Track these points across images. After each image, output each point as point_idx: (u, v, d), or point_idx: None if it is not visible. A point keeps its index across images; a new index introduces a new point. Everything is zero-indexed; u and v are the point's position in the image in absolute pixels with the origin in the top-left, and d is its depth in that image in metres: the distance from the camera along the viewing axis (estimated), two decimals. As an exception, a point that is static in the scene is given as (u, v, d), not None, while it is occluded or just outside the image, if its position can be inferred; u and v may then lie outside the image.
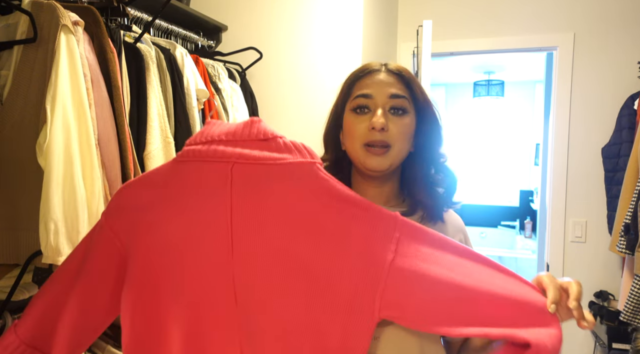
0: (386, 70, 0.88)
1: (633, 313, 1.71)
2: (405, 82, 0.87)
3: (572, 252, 2.47)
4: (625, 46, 2.34)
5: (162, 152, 1.33)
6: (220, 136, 0.75)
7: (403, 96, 0.85)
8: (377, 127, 0.82)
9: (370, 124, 0.83)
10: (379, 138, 0.83)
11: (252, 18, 2.04)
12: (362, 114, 0.85)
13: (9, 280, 1.12)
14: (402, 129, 0.84)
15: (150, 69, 1.33)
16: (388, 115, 0.84)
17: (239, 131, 0.74)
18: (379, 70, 0.88)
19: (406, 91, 0.86)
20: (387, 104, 0.84)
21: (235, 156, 0.72)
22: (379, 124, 0.82)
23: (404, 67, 0.89)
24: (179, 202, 0.75)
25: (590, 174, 2.42)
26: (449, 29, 2.59)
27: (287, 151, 0.73)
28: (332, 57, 1.94)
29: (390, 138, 0.83)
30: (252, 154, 0.72)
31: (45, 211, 0.97)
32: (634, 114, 2.16)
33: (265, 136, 0.74)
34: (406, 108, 0.85)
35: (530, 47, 2.53)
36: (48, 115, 0.99)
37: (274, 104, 2.04)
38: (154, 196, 0.76)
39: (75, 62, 1.04)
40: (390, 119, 0.84)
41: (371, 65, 0.89)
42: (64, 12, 1.05)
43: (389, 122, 0.83)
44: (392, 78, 0.87)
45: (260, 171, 0.72)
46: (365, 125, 0.84)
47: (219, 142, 0.74)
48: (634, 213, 1.74)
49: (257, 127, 0.74)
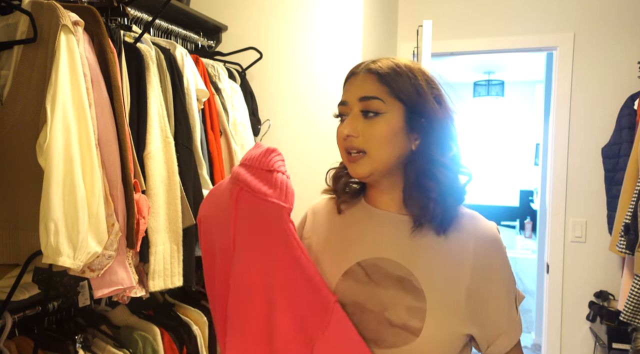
0: (365, 70, 0.82)
1: (633, 313, 1.71)
2: (384, 80, 0.80)
3: (572, 252, 2.47)
4: (625, 46, 2.34)
5: (162, 152, 1.33)
6: (246, 159, 0.86)
7: (373, 96, 0.80)
8: (342, 136, 0.81)
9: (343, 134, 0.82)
10: (349, 145, 0.81)
11: (252, 18, 2.04)
12: (341, 121, 0.84)
13: (9, 280, 1.12)
14: (375, 132, 0.80)
15: (150, 69, 1.33)
16: (360, 119, 0.81)
17: (256, 158, 0.84)
18: (357, 73, 0.84)
19: (383, 89, 0.80)
20: (356, 107, 0.82)
21: (243, 182, 0.83)
22: (343, 134, 0.81)
23: (395, 62, 0.83)
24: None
25: (590, 174, 2.42)
26: (449, 29, 2.59)
27: (275, 187, 0.81)
28: (332, 57, 1.94)
29: (362, 144, 0.80)
30: (252, 183, 0.82)
31: (45, 211, 0.97)
32: (633, 114, 2.16)
33: (270, 168, 0.82)
34: (379, 109, 0.80)
35: (530, 47, 2.53)
36: (48, 115, 0.98)
37: (274, 104, 2.04)
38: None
39: (75, 62, 1.04)
40: (361, 123, 0.81)
41: (356, 67, 0.86)
42: (64, 12, 1.05)
43: (361, 126, 0.81)
44: (369, 78, 0.81)
45: (253, 201, 0.82)
46: (341, 131, 0.83)
47: (242, 165, 0.85)
48: (634, 213, 1.74)
49: (270, 158, 0.84)
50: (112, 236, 1.11)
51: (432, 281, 0.80)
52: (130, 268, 1.20)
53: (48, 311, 1.29)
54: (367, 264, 0.83)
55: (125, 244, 1.17)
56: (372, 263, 0.83)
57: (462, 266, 0.81)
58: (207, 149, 1.58)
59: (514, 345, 0.84)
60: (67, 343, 1.29)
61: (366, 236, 0.86)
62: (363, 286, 0.82)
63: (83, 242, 1.01)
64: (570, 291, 2.46)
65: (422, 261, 0.81)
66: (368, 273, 0.82)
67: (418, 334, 0.77)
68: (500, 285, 0.82)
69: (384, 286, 0.81)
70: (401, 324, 0.78)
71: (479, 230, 0.84)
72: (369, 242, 0.85)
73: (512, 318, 0.84)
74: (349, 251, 0.86)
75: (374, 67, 0.82)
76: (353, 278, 0.83)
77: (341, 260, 0.85)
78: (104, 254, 1.10)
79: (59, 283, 1.23)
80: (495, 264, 0.82)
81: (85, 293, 1.36)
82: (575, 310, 2.45)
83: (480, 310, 0.80)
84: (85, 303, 1.37)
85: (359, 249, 0.85)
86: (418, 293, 0.79)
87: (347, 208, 0.92)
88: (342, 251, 0.87)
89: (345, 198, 0.92)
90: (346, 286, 0.83)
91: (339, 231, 0.90)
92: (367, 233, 0.87)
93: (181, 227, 1.35)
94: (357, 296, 0.81)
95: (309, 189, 2.01)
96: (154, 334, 1.44)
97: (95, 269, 1.10)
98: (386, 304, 0.79)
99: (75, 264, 1.01)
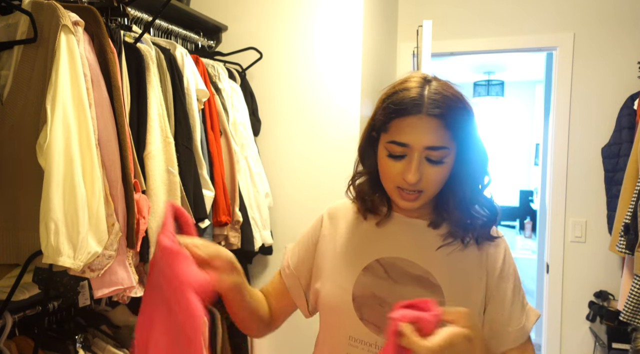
0: (427, 114, 0.77)
1: (633, 313, 1.71)
2: (448, 125, 0.78)
3: (572, 252, 2.47)
4: (625, 46, 2.34)
5: (162, 152, 1.33)
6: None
7: (441, 147, 0.79)
8: (410, 182, 0.79)
9: (404, 175, 0.80)
10: (409, 187, 0.81)
11: (252, 18, 2.04)
12: (397, 159, 0.81)
13: (9, 280, 1.12)
14: (437, 176, 0.81)
15: (150, 69, 1.33)
16: (424, 163, 0.80)
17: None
18: (419, 113, 0.77)
19: (446, 135, 0.78)
20: (423, 153, 0.79)
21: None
22: (413, 180, 0.79)
23: (449, 97, 0.79)
24: None
25: (590, 174, 2.42)
26: (449, 29, 2.58)
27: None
28: (332, 57, 1.94)
29: (424, 186, 0.81)
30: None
31: (45, 211, 0.97)
32: (633, 114, 2.16)
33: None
34: (445, 156, 0.80)
35: (530, 47, 2.53)
36: (48, 115, 0.98)
37: (274, 104, 2.04)
38: None
39: (76, 62, 1.04)
40: (425, 168, 0.80)
41: (410, 98, 0.78)
42: (64, 12, 1.05)
43: (424, 169, 0.80)
44: (434, 124, 0.77)
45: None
46: (398, 170, 0.81)
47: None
48: (633, 213, 1.74)
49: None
50: (112, 236, 1.11)
51: (451, 281, 0.84)
52: (131, 267, 1.20)
53: (48, 311, 1.29)
54: (386, 262, 0.86)
55: (125, 244, 1.17)
56: (390, 262, 0.86)
57: (480, 273, 0.86)
58: (207, 149, 1.59)
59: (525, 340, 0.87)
60: (67, 343, 1.29)
61: (390, 238, 0.89)
62: (382, 282, 0.85)
63: (83, 242, 1.01)
64: (570, 291, 2.46)
65: (442, 267, 0.85)
66: (387, 270, 0.86)
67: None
68: (512, 283, 0.88)
69: (402, 283, 0.84)
70: None
71: (500, 240, 0.90)
72: (390, 243, 0.89)
73: (523, 315, 0.87)
74: (370, 250, 0.89)
75: (437, 112, 0.77)
76: (373, 273, 0.86)
77: (362, 258, 0.88)
78: (104, 254, 1.10)
79: (59, 283, 1.23)
80: (509, 265, 0.89)
81: (85, 293, 1.36)
82: (575, 310, 2.45)
83: (495, 309, 0.86)
84: (85, 303, 1.36)
85: (378, 247, 0.89)
86: (436, 289, 0.83)
87: (373, 217, 0.93)
88: (364, 251, 0.89)
89: (378, 212, 0.92)
90: (366, 280, 0.86)
91: (366, 236, 0.92)
92: (391, 236, 0.90)
93: (181, 227, 1.35)
94: (377, 290, 0.85)
95: (309, 189, 2.01)
96: (154, 334, 1.44)
97: (96, 269, 1.10)
98: (405, 298, 0.80)
99: (75, 264, 1.01)
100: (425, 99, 0.78)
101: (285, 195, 2.03)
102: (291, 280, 0.97)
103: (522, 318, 0.86)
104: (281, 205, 2.04)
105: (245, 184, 1.79)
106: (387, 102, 0.82)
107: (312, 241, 0.97)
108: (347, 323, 0.85)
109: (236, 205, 1.68)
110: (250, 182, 1.83)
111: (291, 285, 0.97)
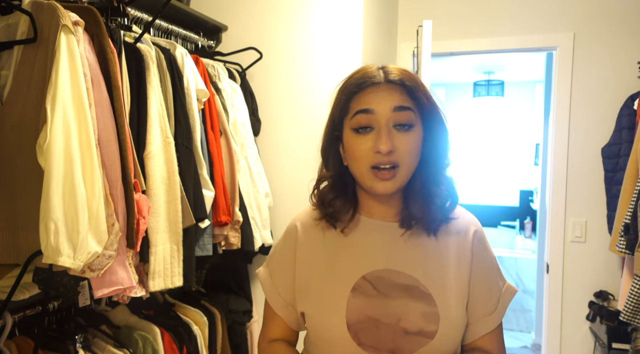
0: (386, 80, 0.78)
1: (633, 313, 1.71)
2: (409, 91, 0.78)
3: (572, 252, 2.47)
4: (625, 46, 2.34)
5: (162, 152, 1.33)
6: None
7: (408, 107, 0.77)
8: (384, 152, 0.75)
9: (376, 147, 0.76)
10: (386, 160, 0.76)
11: (252, 18, 2.04)
12: (365, 133, 0.78)
13: (9, 280, 1.12)
14: (410, 145, 0.77)
15: (150, 69, 1.33)
16: (393, 132, 0.77)
17: None
18: (379, 83, 0.78)
19: (411, 101, 0.78)
20: (390, 119, 0.77)
21: None
22: (385, 149, 0.75)
23: (406, 71, 0.80)
24: None
25: (590, 174, 2.42)
26: (449, 29, 2.58)
27: None
28: (332, 57, 1.94)
29: (398, 157, 0.77)
30: None
31: (45, 211, 0.97)
32: (633, 114, 2.16)
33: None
34: (412, 121, 0.78)
35: (530, 47, 2.53)
36: (48, 115, 0.98)
37: (274, 104, 2.04)
38: None
39: (76, 62, 1.04)
40: (396, 137, 0.77)
41: (369, 75, 0.79)
42: (64, 12, 1.05)
43: (395, 140, 0.76)
44: (396, 89, 0.78)
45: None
46: (369, 146, 0.77)
47: None
48: (633, 213, 1.74)
49: None
50: (112, 236, 1.11)
51: (437, 284, 0.82)
52: (130, 267, 1.20)
53: (48, 311, 1.28)
54: (372, 277, 0.83)
55: (125, 244, 1.17)
56: (376, 276, 0.83)
57: (460, 262, 0.85)
58: (207, 149, 1.58)
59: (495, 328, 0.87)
60: (67, 343, 1.29)
61: (365, 249, 0.86)
62: (373, 300, 0.81)
63: (83, 242, 1.01)
64: (570, 291, 2.46)
65: (422, 266, 0.83)
66: (375, 286, 0.82)
67: (433, 336, 0.79)
68: (491, 269, 0.88)
69: (393, 296, 0.81)
70: (417, 330, 0.79)
71: (467, 224, 0.88)
72: (369, 255, 0.85)
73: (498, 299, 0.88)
74: (352, 266, 0.85)
75: (396, 76, 0.78)
76: (362, 292, 0.82)
77: (346, 276, 0.84)
78: (104, 254, 1.10)
79: (59, 283, 1.23)
80: (487, 251, 0.89)
81: (85, 293, 1.36)
82: (575, 310, 2.45)
83: (477, 298, 0.86)
84: (85, 303, 1.37)
85: (361, 262, 0.85)
86: (428, 298, 0.81)
87: (342, 224, 0.89)
88: (345, 267, 0.85)
89: (341, 218, 0.88)
90: (358, 302, 0.82)
91: (337, 247, 0.88)
92: (366, 246, 0.86)
93: (181, 227, 1.35)
94: (370, 311, 0.81)
95: (309, 189, 2.01)
96: (154, 334, 1.44)
97: (95, 269, 1.10)
98: (399, 314, 0.80)
99: (75, 264, 1.01)
100: (383, 73, 0.80)
101: (285, 195, 2.03)
102: (284, 310, 0.94)
103: (497, 304, 0.86)
104: (281, 205, 2.03)
105: (245, 184, 1.79)
106: (344, 87, 0.83)
107: (289, 257, 0.93)
108: (346, 351, 0.81)
109: (236, 205, 1.68)
110: (250, 182, 1.82)
111: (286, 315, 0.94)
